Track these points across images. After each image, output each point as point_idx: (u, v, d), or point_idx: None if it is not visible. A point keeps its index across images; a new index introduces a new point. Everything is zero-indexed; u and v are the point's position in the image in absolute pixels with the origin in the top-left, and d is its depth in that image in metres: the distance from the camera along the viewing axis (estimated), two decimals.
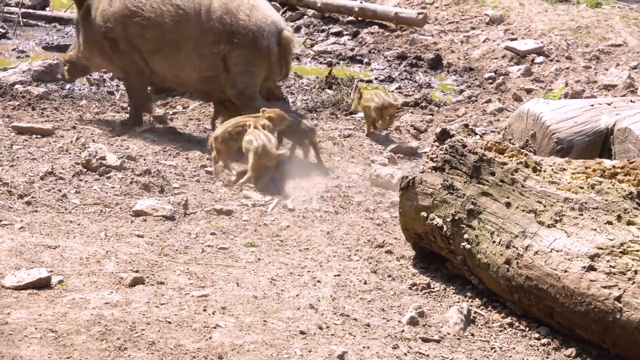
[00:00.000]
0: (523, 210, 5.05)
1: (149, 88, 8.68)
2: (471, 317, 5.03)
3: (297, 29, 14.49)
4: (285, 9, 15.10)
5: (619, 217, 4.72)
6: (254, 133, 7.08)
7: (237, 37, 7.74)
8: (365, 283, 5.37)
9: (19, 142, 7.49)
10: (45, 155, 7.20)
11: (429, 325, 4.89)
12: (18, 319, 4.30)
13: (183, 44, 7.88)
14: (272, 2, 15.05)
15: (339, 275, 5.43)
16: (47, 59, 10.28)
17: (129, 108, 8.68)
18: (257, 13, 7.83)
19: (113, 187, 6.67)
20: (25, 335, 4.16)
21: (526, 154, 5.36)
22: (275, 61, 7.90)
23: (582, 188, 4.98)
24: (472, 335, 4.87)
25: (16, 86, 9.36)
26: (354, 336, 4.62)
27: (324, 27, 14.54)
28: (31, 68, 9.86)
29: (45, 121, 8.26)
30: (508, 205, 5.13)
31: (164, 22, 7.85)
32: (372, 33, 14.03)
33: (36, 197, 6.26)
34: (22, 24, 12.92)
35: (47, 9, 14.07)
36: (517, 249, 4.95)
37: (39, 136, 7.75)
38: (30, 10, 13.40)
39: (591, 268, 4.57)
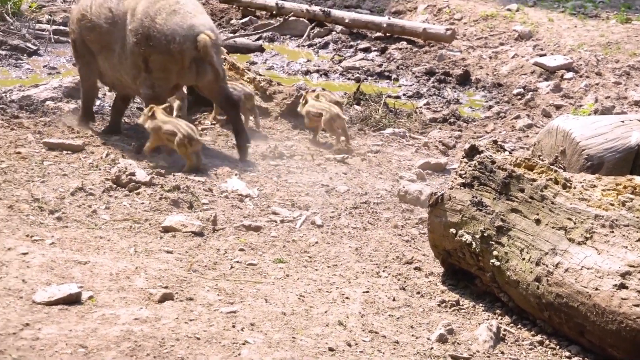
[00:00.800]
0: (553, 227, 5.01)
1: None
2: (501, 334, 5.00)
3: (325, 45, 14.57)
4: (313, 25, 15.17)
5: None
6: (172, 122, 7.66)
7: (153, 40, 7.89)
8: (394, 300, 5.35)
9: (49, 158, 7.56)
10: (76, 171, 7.26)
11: (458, 343, 4.87)
12: (49, 335, 4.33)
13: (114, 46, 8.15)
14: (300, 19, 15.20)
15: (367, 291, 5.42)
16: (77, 76, 10.37)
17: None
18: (175, 17, 7.93)
19: (142, 203, 6.70)
20: (56, 351, 4.18)
21: (556, 171, 5.33)
22: (189, 66, 7.99)
23: (612, 205, 4.94)
24: (502, 353, 4.84)
25: (47, 102, 9.46)
26: (383, 353, 4.60)
27: (352, 43, 14.58)
28: (62, 84, 9.96)
29: (76, 137, 8.33)
30: (538, 222, 5.10)
31: (100, 25, 8.16)
32: (400, 49, 14.05)
33: (66, 213, 6.31)
34: (53, 40, 13.07)
35: None
36: (547, 266, 4.91)
37: (69, 152, 7.81)
38: (62, 27, 13.53)
39: (622, 286, 4.53)
